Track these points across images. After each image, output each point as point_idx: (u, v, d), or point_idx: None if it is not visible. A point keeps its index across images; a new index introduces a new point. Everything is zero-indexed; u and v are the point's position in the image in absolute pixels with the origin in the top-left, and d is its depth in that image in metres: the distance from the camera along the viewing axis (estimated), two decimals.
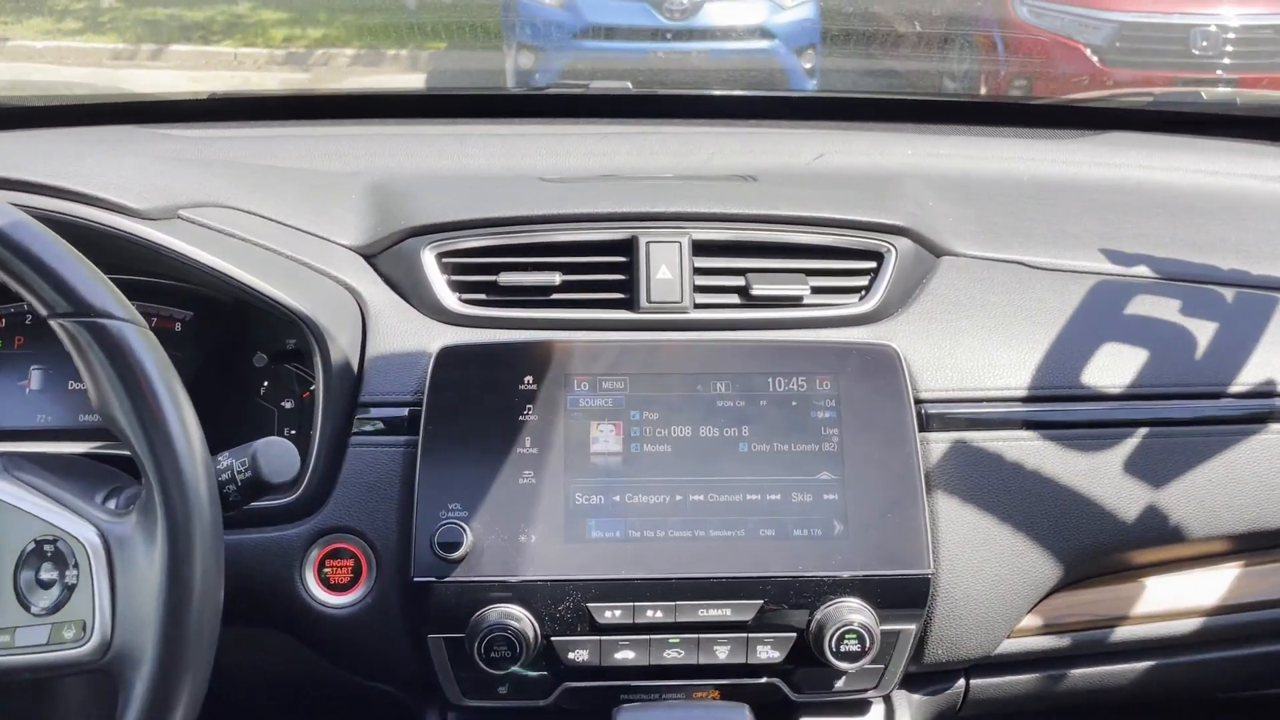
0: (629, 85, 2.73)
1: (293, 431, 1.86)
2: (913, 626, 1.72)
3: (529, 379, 1.74)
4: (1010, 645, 1.80)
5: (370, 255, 1.91)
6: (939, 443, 1.78)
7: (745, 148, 2.34)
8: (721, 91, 2.73)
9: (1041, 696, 1.92)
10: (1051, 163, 2.35)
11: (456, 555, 1.64)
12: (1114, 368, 1.84)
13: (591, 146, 2.29)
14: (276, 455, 1.49)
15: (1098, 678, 1.91)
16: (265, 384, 1.92)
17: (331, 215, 1.95)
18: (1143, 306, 1.93)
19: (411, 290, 1.85)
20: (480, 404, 1.72)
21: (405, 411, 1.73)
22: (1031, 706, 1.95)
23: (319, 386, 1.74)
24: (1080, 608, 1.86)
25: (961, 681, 1.89)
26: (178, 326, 1.98)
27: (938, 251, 1.98)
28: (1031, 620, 1.85)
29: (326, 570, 1.73)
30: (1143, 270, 2.01)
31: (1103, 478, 1.76)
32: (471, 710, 1.78)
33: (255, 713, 2.05)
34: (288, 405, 1.90)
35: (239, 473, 1.46)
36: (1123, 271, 2.00)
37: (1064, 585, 1.84)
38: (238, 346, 1.91)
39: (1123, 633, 1.85)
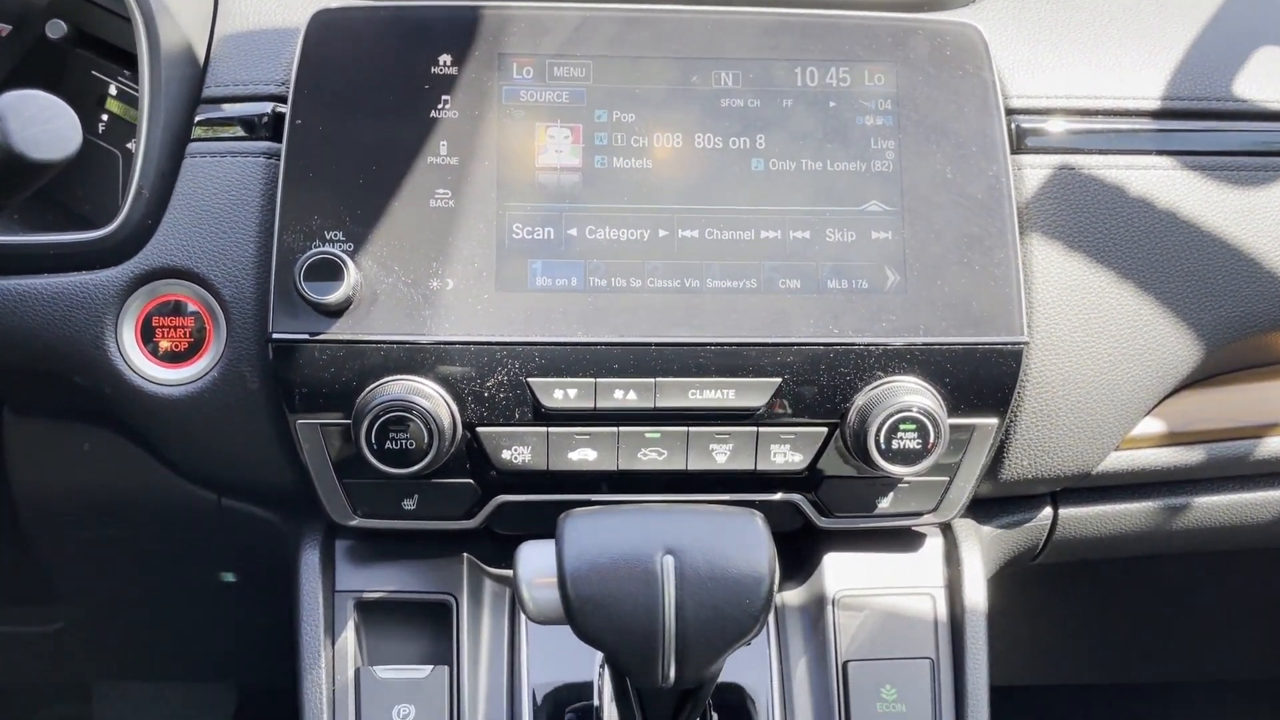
0: None
1: (145, 193, 1.31)
2: (993, 421, 1.22)
3: (446, 59, 1.20)
4: (1119, 459, 1.35)
5: None
6: (1037, 169, 1.27)
7: None
8: None
9: (1154, 535, 1.43)
10: None
11: (334, 299, 1.12)
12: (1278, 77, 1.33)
13: None
14: (38, 117, 0.97)
15: (1233, 510, 1.43)
16: (105, 118, 1.39)
17: None
18: None
19: None
20: (372, 93, 1.20)
21: (267, 107, 1.25)
22: (1135, 550, 1.46)
23: (144, 71, 1.21)
24: (1217, 411, 1.39)
25: (1048, 510, 1.40)
26: None
27: None
28: (1150, 425, 1.36)
29: (156, 335, 1.21)
30: None
31: (1262, 223, 1.33)
32: (366, 534, 1.27)
33: (82, 553, 1.56)
34: (133, 147, 1.36)
35: None
36: None
37: (1198, 379, 1.36)
38: (75, 77, 1.38)
39: (1274, 446, 1.34)
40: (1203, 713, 2.27)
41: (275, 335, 1.15)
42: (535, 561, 1.02)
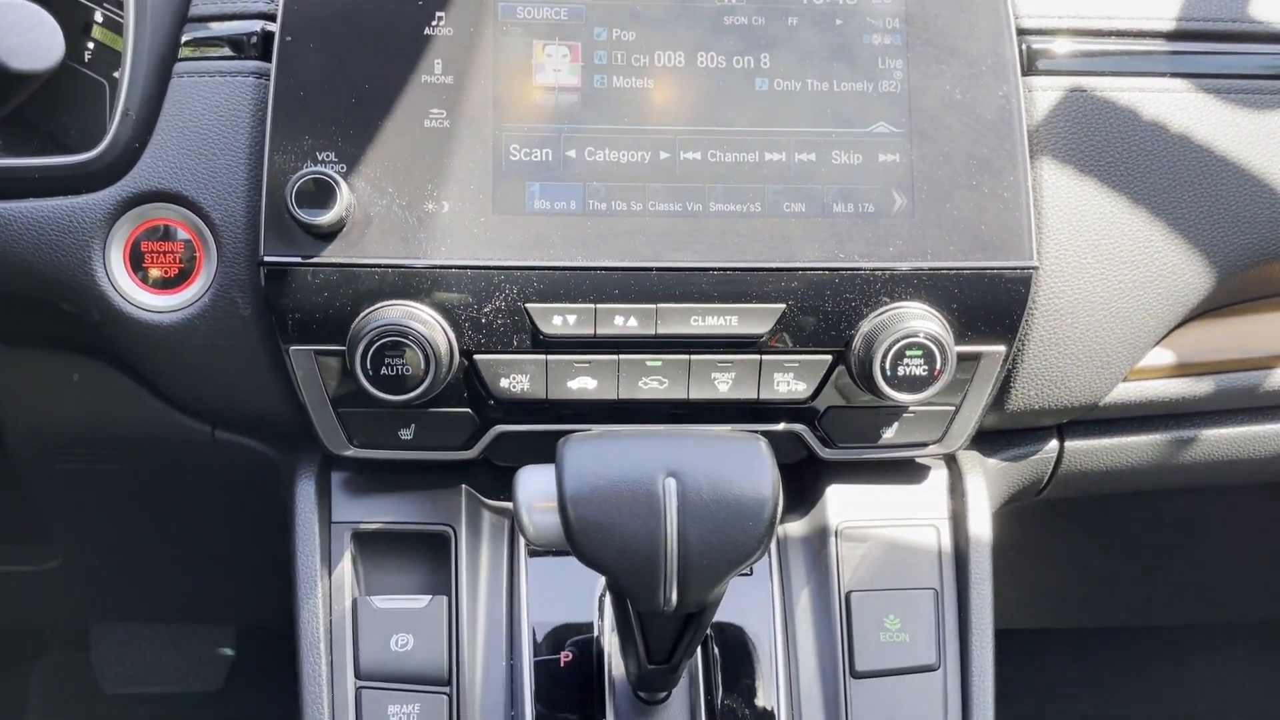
0: None
1: (131, 115, 1.26)
2: (1001, 349, 1.19)
3: None
4: (1127, 390, 1.32)
5: None
6: (1049, 90, 1.24)
7: None
8: None
9: (1160, 469, 1.41)
10: None
11: (326, 221, 1.09)
12: None
13: None
14: (18, 25, 0.94)
15: (1240, 443, 1.41)
16: (91, 46, 1.35)
17: None
18: None
19: None
20: (364, 9, 1.16)
21: (255, 25, 1.21)
22: (1141, 484, 1.44)
23: None
24: (1227, 341, 1.36)
25: (1054, 443, 1.38)
26: None
27: None
28: (1159, 356, 1.34)
29: (146, 260, 1.18)
30: None
31: (1278, 148, 1.28)
32: (363, 465, 1.25)
33: (75, 489, 1.54)
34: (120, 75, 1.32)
35: None
36: None
37: (1209, 309, 1.33)
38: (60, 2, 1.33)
39: None
40: (1203, 657, 2.27)
41: (266, 259, 1.12)
42: (535, 485, 1.00)
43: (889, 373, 1.14)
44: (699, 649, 1.20)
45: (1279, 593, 2.03)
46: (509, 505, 1.13)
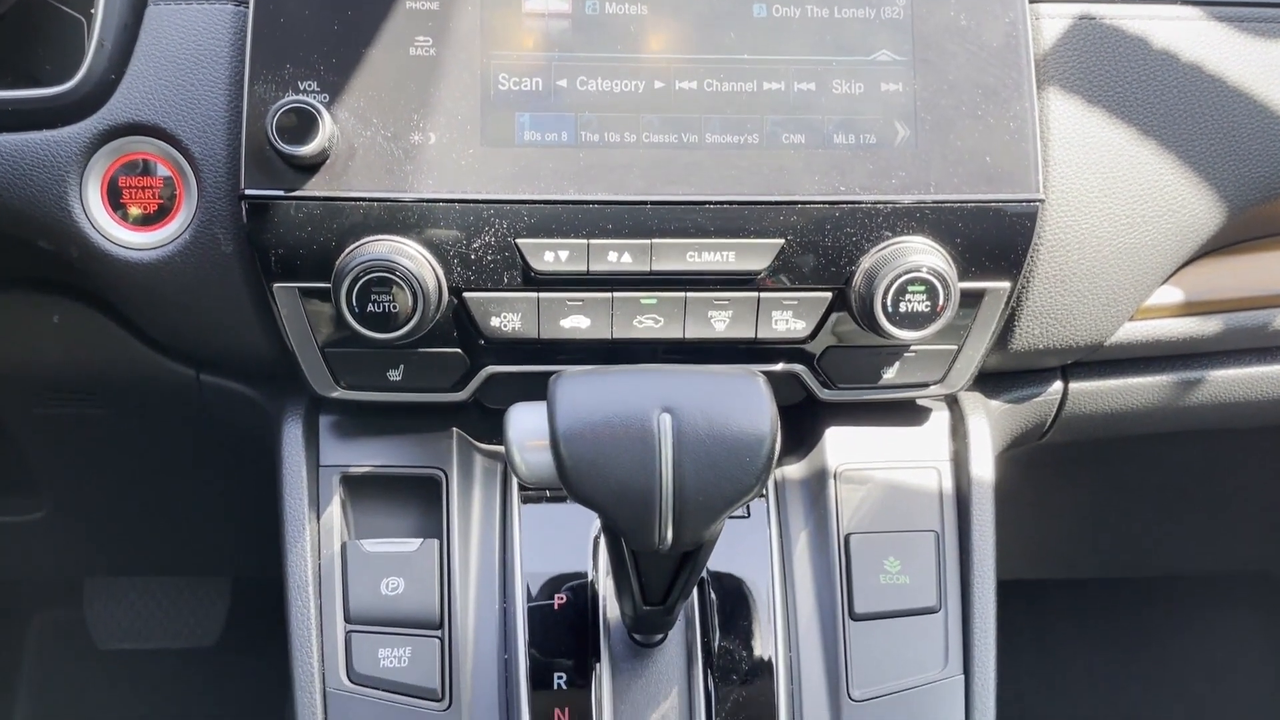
0: None
1: (107, 45, 1.22)
2: (1005, 285, 1.16)
3: None
4: (1133, 330, 1.28)
5: None
6: (1056, 18, 1.20)
7: None
8: None
9: (1166, 411, 1.38)
10: None
11: (308, 151, 1.05)
12: None
13: None
14: None
15: (1248, 384, 1.38)
16: None
17: None
18: None
19: None
20: None
21: None
22: (1145, 426, 1.41)
23: None
24: (1236, 279, 1.33)
25: (1058, 384, 1.34)
26: None
27: None
28: (1167, 294, 1.30)
29: (124, 196, 1.14)
30: None
31: None
32: (351, 408, 1.22)
33: (59, 436, 1.51)
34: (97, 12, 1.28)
35: None
36: None
37: (1218, 246, 1.29)
38: None
39: None
40: (1203, 608, 2.26)
41: (248, 193, 1.08)
42: (526, 423, 0.97)
43: (890, 309, 1.10)
44: (695, 591, 1.17)
45: (1278, 543, 2.01)
46: (501, 449, 1.10)
